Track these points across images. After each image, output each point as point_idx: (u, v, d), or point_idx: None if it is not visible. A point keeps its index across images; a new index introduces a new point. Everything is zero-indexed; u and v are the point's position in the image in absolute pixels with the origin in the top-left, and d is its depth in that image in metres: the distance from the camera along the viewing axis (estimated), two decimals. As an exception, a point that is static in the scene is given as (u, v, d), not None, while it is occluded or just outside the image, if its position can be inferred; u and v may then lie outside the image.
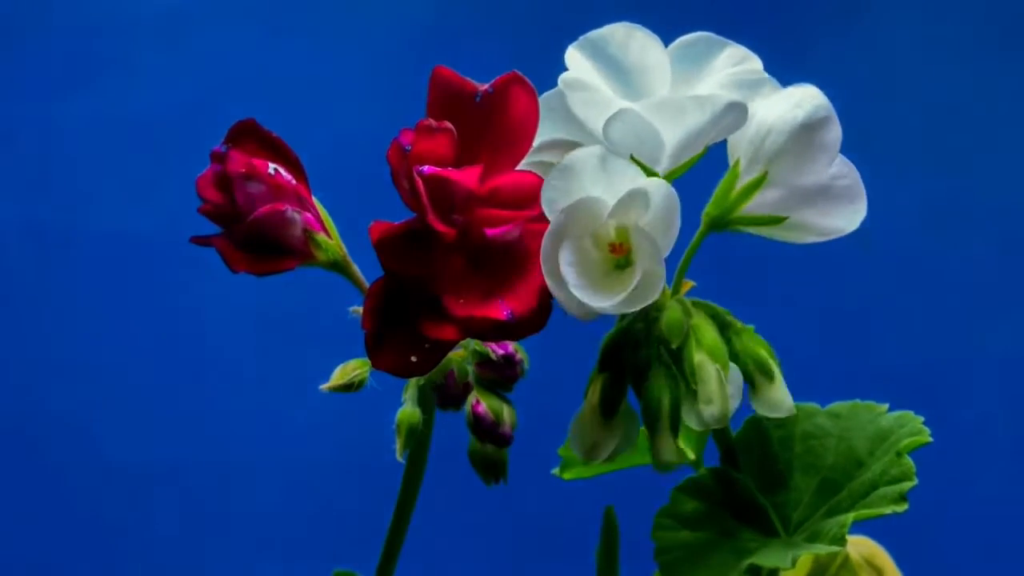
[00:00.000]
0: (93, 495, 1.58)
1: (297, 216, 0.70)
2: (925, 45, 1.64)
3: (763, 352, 0.69)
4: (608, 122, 0.66)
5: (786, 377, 0.70)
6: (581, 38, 0.69)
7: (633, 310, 0.65)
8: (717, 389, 0.67)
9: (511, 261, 0.67)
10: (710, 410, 0.67)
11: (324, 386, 0.74)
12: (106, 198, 1.62)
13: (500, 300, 0.66)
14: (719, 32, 0.70)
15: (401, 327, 0.67)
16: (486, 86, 0.69)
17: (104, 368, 1.60)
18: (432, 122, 0.68)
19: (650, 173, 0.67)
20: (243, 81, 1.63)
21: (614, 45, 0.69)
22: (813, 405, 0.77)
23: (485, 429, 0.74)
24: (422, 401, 0.75)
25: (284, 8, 1.67)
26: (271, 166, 0.70)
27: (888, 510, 0.70)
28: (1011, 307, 1.57)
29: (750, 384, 0.69)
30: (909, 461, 0.71)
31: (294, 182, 0.71)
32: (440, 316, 0.67)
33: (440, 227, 0.67)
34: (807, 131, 0.68)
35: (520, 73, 0.69)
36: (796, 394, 0.77)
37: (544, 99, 0.69)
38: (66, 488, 1.58)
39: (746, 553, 0.71)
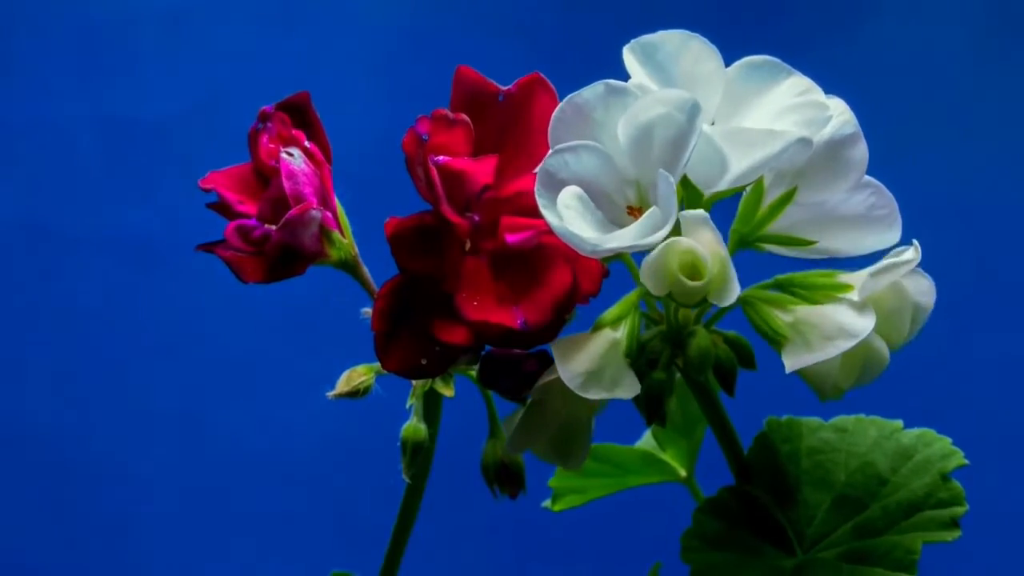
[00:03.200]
0: (92, 495, 1.56)
1: (318, 215, 0.68)
2: (924, 45, 1.63)
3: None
4: None
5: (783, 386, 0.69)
6: (633, 41, 0.67)
7: (647, 241, 0.62)
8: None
9: (529, 268, 0.66)
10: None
11: (331, 393, 0.72)
12: (106, 198, 1.61)
13: (515, 307, 0.65)
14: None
15: (411, 329, 0.66)
16: (509, 87, 0.68)
17: (103, 368, 1.59)
18: (448, 113, 0.66)
19: (697, 197, 0.65)
20: (243, 81, 1.62)
21: (664, 52, 0.66)
22: (816, 419, 0.75)
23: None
24: (427, 413, 0.73)
25: (285, 7, 1.66)
26: (307, 142, 0.69)
27: (949, 536, 0.68)
28: (1005, 307, 1.56)
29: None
30: (958, 485, 0.69)
31: (327, 169, 0.70)
32: (452, 318, 0.65)
33: (454, 218, 0.65)
34: (833, 147, 0.66)
35: (542, 75, 0.68)
36: (793, 407, 0.76)
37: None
38: (65, 488, 1.57)
39: (782, 572, 0.70)
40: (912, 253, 0.66)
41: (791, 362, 0.64)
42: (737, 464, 0.73)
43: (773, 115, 0.65)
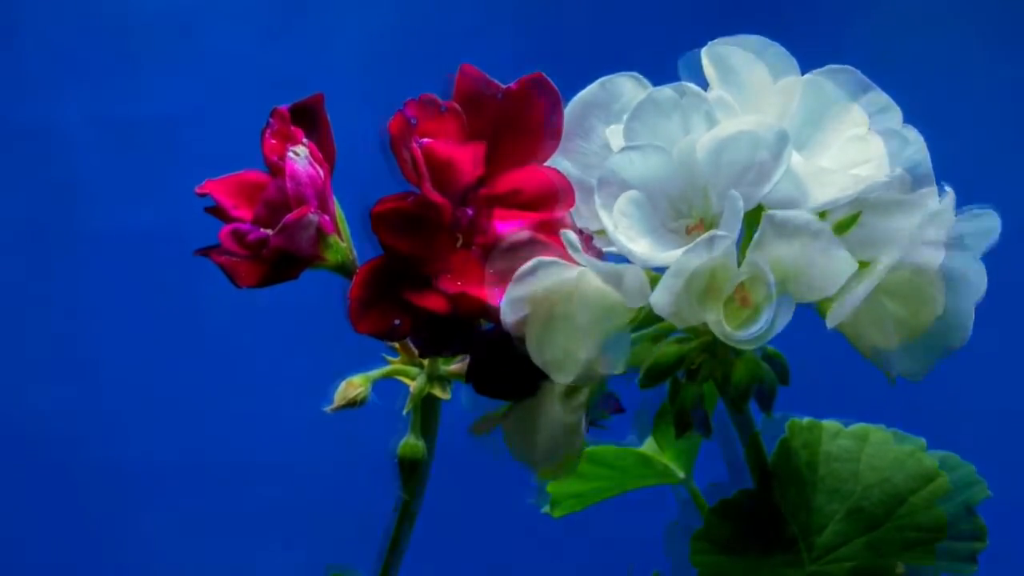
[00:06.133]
0: (94, 492, 1.57)
1: (315, 219, 0.67)
2: (925, 39, 1.63)
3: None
4: None
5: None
6: (710, 44, 0.65)
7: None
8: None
9: (517, 259, 0.65)
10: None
11: (328, 408, 0.72)
12: (109, 197, 1.62)
13: (496, 289, 0.65)
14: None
15: (388, 297, 0.66)
16: (509, 85, 0.68)
17: (106, 366, 1.59)
18: (437, 98, 0.66)
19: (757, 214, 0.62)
20: (245, 82, 1.62)
21: (739, 57, 0.65)
22: (836, 424, 0.73)
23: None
24: (424, 417, 0.73)
25: (287, 9, 1.67)
26: (304, 139, 0.69)
27: (966, 570, 0.68)
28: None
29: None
30: (982, 522, 0.69)
31: (326, 169, 0.69)
32: (432, 290, 0.65)
33: (436, 198, 0.65)
34: (904, 183, 0.65)
35: (543, 74, 0.68)
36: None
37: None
38: (68, 486, 1.58)
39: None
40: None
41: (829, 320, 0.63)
42: (760, 472, 0.72)
43: (851, 139, 0.65)
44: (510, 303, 0.64)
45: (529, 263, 0.64)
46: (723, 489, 0.73)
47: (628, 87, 0.67)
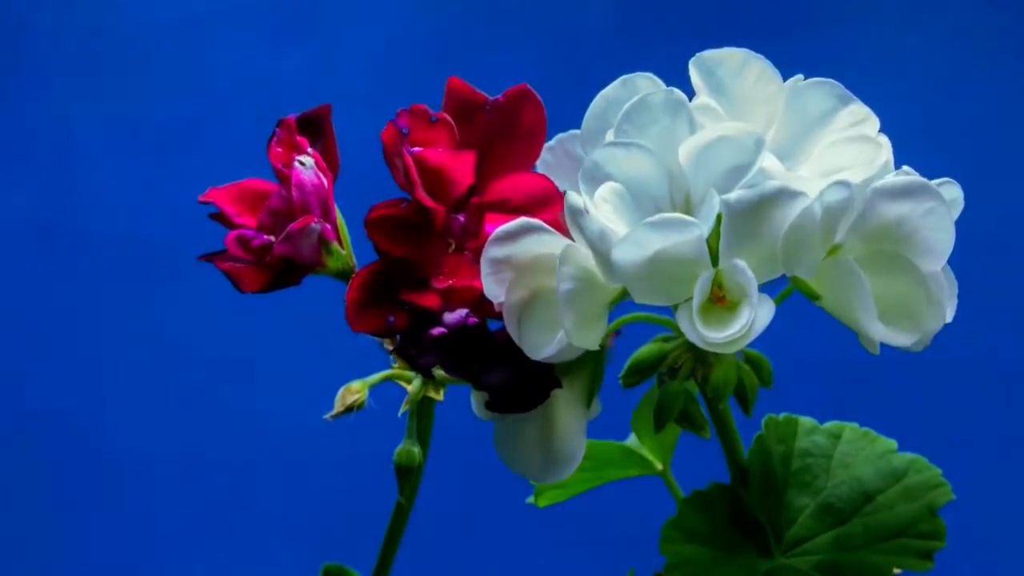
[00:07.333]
0: (95, 492, 1.59)
1: (318, 227, 0.69)
2: (923, 39, 1.64)
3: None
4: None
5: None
6: (697, 55, 0.67)
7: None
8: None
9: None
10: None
11: (328, 415, 0.73)
12: (120, 200, 1.62)
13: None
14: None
15: (384, 298, 0.67)
16: (496, 97, 0.69)
17: (108, 366, 1.61)
18: (428, 109, 0.68)
19: None
20: (256, 88, 1.63)
21: (724, 68, 0.66)
22: (811, 421, 0.75)
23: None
24: (420, 417, 0.74)
25: (298, 17, 1.67)
26: (310, 149, 0.70)
27: (922, 567, 0.70)
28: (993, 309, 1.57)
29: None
30: (942, 523, 0.70)
31: (330, 178, 0.70)
32: (426, 289, 0.67)
33: (429, 203, 0.67)
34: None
35: (529, 86, 0.69)
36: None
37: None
38: (68, 486, 1.59)
39: (756, 574, 0.70)
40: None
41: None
42: (736, 468, 0.73)
43: (830, 147, 0.66)
44: (490, 262, 0.64)
45: (514, 223, 0.64)
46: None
47: (644, 87, 0.67)
